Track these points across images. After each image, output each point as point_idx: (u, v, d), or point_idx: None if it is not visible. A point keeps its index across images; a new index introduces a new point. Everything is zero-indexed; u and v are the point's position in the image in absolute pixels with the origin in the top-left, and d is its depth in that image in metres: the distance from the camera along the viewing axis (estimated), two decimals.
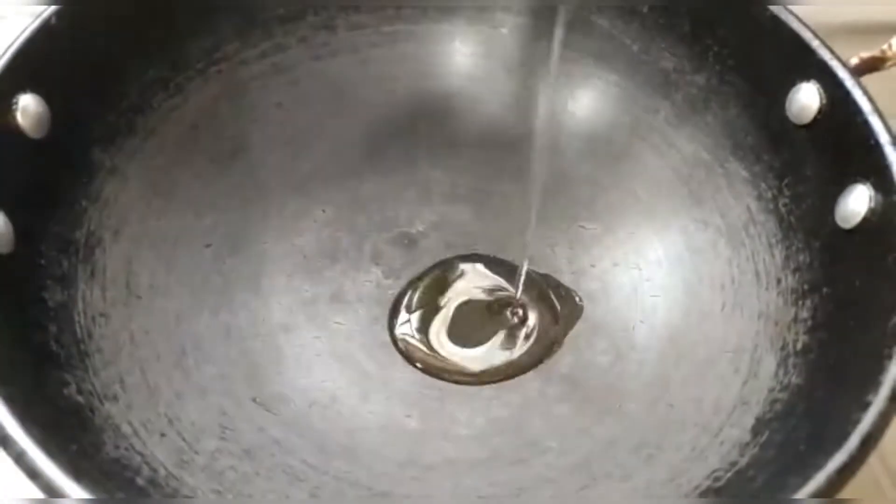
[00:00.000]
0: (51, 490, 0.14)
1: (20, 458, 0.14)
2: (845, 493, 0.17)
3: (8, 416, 0.14)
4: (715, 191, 0.24)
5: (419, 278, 0.25)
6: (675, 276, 0.23)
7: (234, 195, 0.24)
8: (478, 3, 0.26)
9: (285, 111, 0.25)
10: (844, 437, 0.15)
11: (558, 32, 0.21)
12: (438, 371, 0.23)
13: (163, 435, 0.18)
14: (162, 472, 0.17)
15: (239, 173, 0.24)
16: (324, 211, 0.25)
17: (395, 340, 0.23)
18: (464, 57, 0.27)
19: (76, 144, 0.21)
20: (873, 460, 0.23)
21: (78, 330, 0.19)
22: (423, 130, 0.26)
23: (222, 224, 0.23)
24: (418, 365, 0.23)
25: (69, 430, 0.16)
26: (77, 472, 0.14)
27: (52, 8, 0.20)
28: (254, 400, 0.21)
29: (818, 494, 0.15)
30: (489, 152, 0.26)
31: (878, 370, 0.16)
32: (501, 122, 0.27)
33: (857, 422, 0.15)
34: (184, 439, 0.19)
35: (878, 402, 0.16)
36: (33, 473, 0.14)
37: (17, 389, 0.15)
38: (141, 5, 0.22)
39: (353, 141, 0.26)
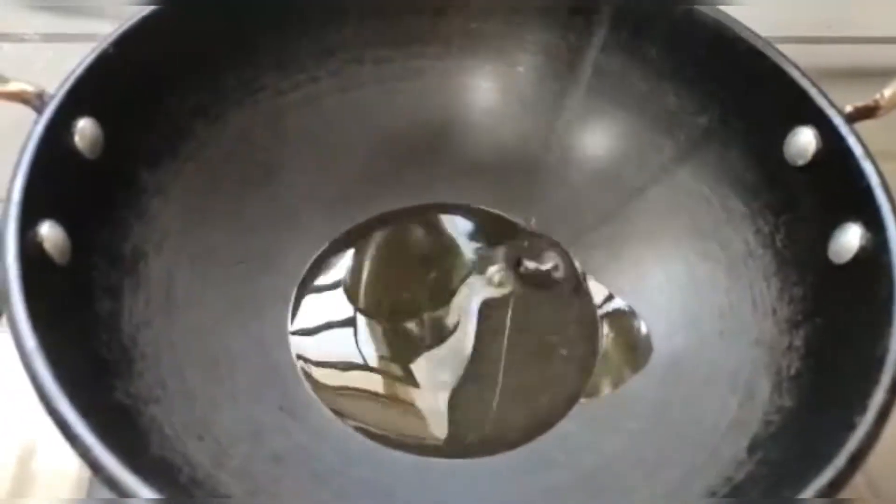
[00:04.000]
0: (112, 483, 0.15)
1: (85, 454, 0.15)
2: None
3: (74, 416, 0.15)
4: (715, 224, 0.25)
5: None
6: (676, 302, 0.25)
7: (266, 215, 0.25)
8: (497, 44, 0.28)
9: (315, 138, 0.27)
10: (833, 455, 0.17)
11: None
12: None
13: (200, 438, 0.20)
14: (201, 471, 0.19)
15: (272, 195, 0.26)
16: (351, 233, 0.27)
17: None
18: (483, 92, 0.28)
19: (125, 165, 0.23)
20: (858, 478, 0.25)
21: (124, 337, 0.20)
22: (443, 158, 0.28)
23: (255, 242, 0.25)
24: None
25: (121, 430, 0.17)
26: (134, 468, 0.15)
27: (110, 38, 0.22)
28: (280, 408, 0.22)
29: None
30: (504, 181, 0.28)
31: (866, 395, 0.18)
32: (516, 152, 0.28)
33: (844, 442, 0.17)
34: (219, 443, 0.20)
35: (865, 423, 0.17)
36: (97, 468, 0.15)
37: (78, 392, 0.16)
38: (188, 40, 0.24)
39: (378, 167, 0.27)
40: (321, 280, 0.26)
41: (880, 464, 0.24)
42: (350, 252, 0.27)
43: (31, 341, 0.16)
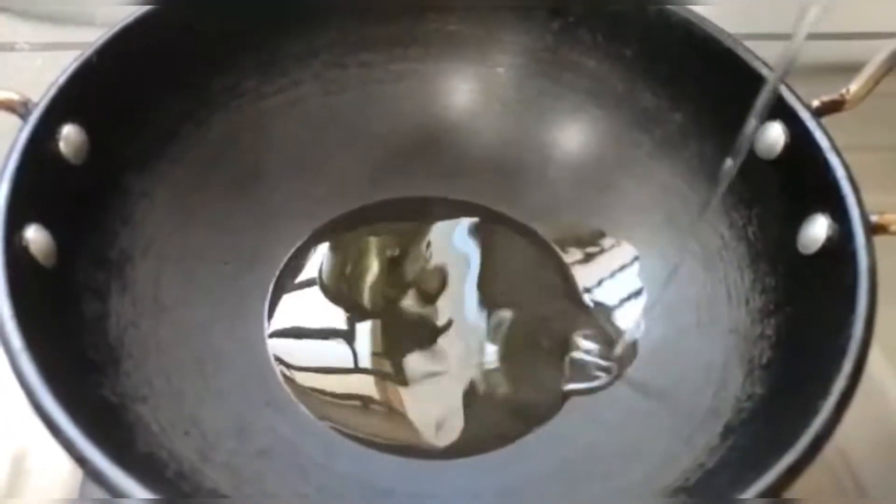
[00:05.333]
0: (98, 477, 0.15)
1: (71, 449, 0.16)
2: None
3: (60, 413, 0.16)
4: (691, 218, 0.26)
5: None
6: (654, 295, 0.26)
7: (250, 217, 0.26)
8: (477, 46, 0.28)
9: (299, 141, 0.27)
10: (796, 439, 0.17)
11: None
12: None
13: (187, 434, 0.20)
14: (187, 466, 0.19)
15: (255, 197, 0.26)
16: (333, 232, 0.27)
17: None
18: (464, 93, 0.29)
19: (111, 170, 0.23)
20: (842, 472, 0.26)
21: (111, 338, 0.21)
22: (425, 159, 0.29)
23: (240, 243, 0.25)
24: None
25: (108, 427, 0.18)
26: (121, 463, 0.16)
27: (93, 47, 0.22)
28: (267, 404, 0.23)
29: (771, 490, 0.17)
30: (485, 179, 0.29)
31: (829, 381, 0.18)
32: (496, 151, 0.29)
33: (808, 426, 0.17)
34: (205, 438, 0.20)
35: (827, 408, 0.18)
36: (83, 462, 0.15)
37: (65, 390, 0.16)
38: (171, 46, 0.24)
39: (361, 168, 0.28)
40: (303, 278, 0.26)
41: (868, 463, 0.25)
42: (333, 248, 0.27)
43: (17, 341, 0.17)
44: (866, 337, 0.19)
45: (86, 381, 0.19)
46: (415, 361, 0.25)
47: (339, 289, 0.27)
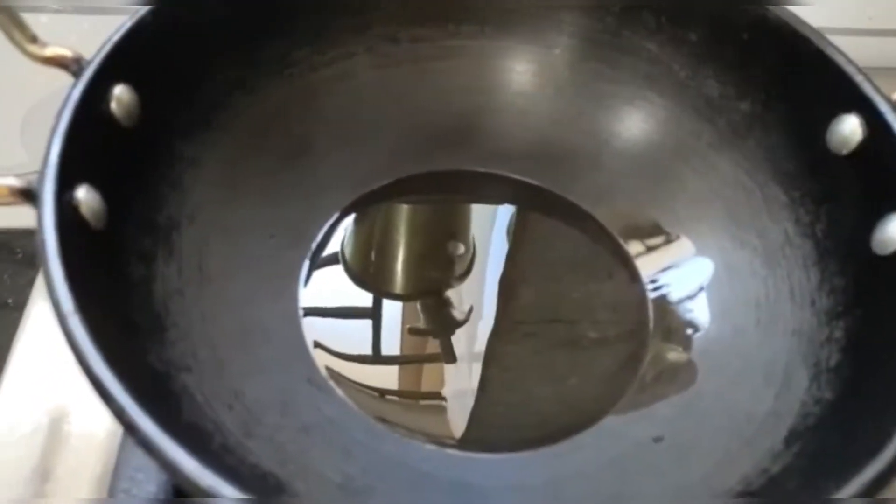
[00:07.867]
0: (146, 444, 0.15)
1: (120, 415, 0.15)
2: None
3: (110, 377, 0.15)
4: (753, 213, 0.25)
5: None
6: (711, 291, 0.25)
7: (297, 190, 0.25)
8: (533, 24, 0.27)
9: (348, 114, 0.27)
10: (877, 451, 0.16)
11: None
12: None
13: (230, 407, 0.20)
14: (231, 439, 0.19)
15: (302, 170, 0.26)
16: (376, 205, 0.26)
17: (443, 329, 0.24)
18: (517, 73, 0.28)
19: (161, 134, 0.22)
20: None
21: (157, 304, 0.20)
22: (474, 139, 0.28)
23: (285, 216, 0.25)
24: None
25: (155, 395, 0.17)
26: (168, 431, 0.15)
27: (147, 7, 0.22)
28: (309, 380, 0.22)
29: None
30: (534, 163, 0.28)
31: None
32: (548, 135, 0.28)
33: (889, 436, 0.16)
34: (249, 412, 0.20)
35: None
36: (132, 429, 0.15)
37: (113, 354, 0.16)
38: (225, 11, 0.24)
39: (408, 144, 0.27)
40: (345, 254, 0.26)
41: None
42: (373, 223, 0.27)
43: (68, 303, 0.16)
44: None
45: (133, 346, 0.19)
46: (455, 348, 0.24)
47: (381, 267, 0.26)
